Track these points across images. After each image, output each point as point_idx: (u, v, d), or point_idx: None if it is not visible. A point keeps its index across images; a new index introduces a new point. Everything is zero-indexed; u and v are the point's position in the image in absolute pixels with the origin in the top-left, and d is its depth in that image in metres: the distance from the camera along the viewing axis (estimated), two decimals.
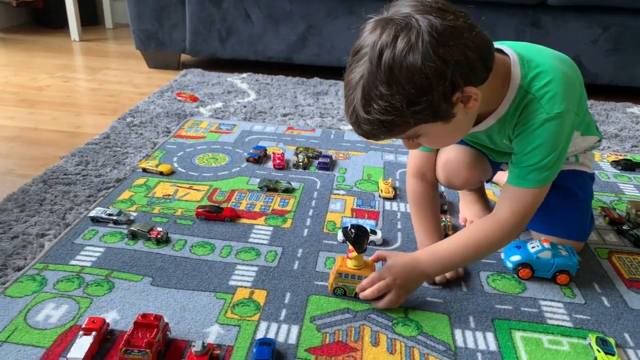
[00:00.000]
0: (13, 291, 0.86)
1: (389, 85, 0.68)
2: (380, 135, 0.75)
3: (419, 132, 0.76)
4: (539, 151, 0.80)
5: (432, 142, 0.81)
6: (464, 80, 0.70)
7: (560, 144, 0.81)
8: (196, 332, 0.79)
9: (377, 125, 0.71)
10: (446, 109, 0.71)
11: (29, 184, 1.20)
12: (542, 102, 0.78)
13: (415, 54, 0.66)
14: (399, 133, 0.75)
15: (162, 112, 1.70)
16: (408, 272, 0.86)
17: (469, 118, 0.79)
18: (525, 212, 0.85)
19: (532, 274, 0.95)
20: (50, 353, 0.74)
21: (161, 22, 2.18)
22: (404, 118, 0.70)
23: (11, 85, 2.03)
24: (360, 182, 1.30)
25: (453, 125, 0.75)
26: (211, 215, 1.09)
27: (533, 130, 0.80)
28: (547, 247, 0.95)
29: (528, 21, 1.99)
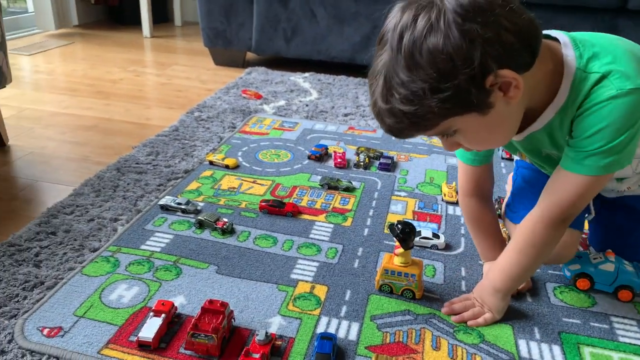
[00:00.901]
0: (89, 270, 0.91)
1: (410, 70, 0.61)
2: (406, 130, 0.67)
3: (453, 127, 0.67)
4: (606, 133, 0.68)
5: (471, 140, 0.71)
6: (498, 63, 0.61)
7: (636, 124, 0.67)
8: (259, 322, 0.81)
9: (399, 117, 0.64)
10: (479, 97, 0.62)
11: (104, 171, 1.27)
12: (611, 79, 0.67)
13: (437, 33, 0.59)
14: (428, 127, 0.66)
15: (228, 108, 1.75)
16: (481, 287, 0.86)
17: (512, 111, 0.68)
18: (571, 205, 0.74)
19: (592, 285, 0.91)
20: (122, 331, 0.78)
21: (229, 20, 2.24)
22: (428, 108, 0.62)
23: (88, 77, 2.15)
24: (422, 184, 1.29)
25: (493, 118, 0.66)
26: (274, 209, 1.11)
27: (599, 109, 0.67)
28: (610, 259, 0.91)
29: (605, 25, 1.90)
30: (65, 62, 2.37)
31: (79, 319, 0.80)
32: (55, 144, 1.49)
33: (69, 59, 2.44)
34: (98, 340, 0.76)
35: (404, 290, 0.87)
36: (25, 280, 0.87)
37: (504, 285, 0.83)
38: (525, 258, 0.80)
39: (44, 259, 0.93)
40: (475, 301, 0.85)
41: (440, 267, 0.97)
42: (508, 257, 0.82)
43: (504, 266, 0.83)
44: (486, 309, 0.84)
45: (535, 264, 0.82)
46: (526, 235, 0.79)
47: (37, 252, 0.95)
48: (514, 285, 0.84)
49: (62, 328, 0.78)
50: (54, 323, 0.79)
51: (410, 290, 0.87)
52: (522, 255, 0.80)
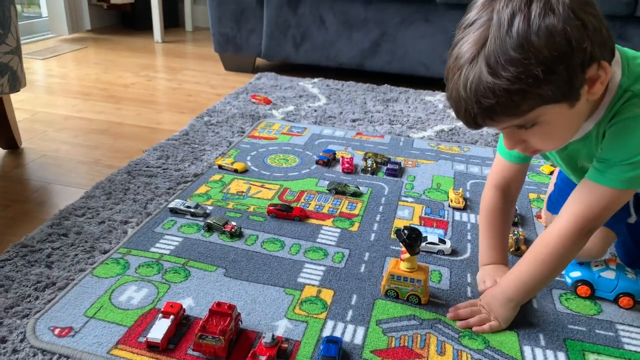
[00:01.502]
0: (100, 272, 0.93)
1: (523, 49, 0.60)
2: (501, 113, 0.64)
3: (540, 117, 0.66)
4: (629, 147, 0.70)
5: (545, 136, 0.70)
6: (601, 53, 0.63)
7: None
8: (265, 325, 0.82)
9: (504, 97, 0.62)
10: (578, 85, 0.63)
11: (115, 174, 1.29)
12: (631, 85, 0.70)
13: (556, 15, 0.60)
14: (524, 112, 0.65)
15: (237, 113, 1.77)
16: (491, 295, 0.86)
17: (586, 109, 0.70)
18: (594, 216, 0.75)
19: (592, 292, 0.91)
20: (131, 332, 0.79)
21: (239, 26, 2.27)
22: (538, 89, 0.61)
23: (101, 82, 2.18)
24: (429, 190, 1.29)
25: (575, 113, 0.67)
26: (282, 213, 1.13)
27: (625, 123, 0.70)
28: (612, 267, 0.91)
29: (614, 33, 1.89)
30: (78, 67, 2.41)
31: (89, 320, 0.81)
32: (68, 147, 1.51)
33: (82, 63, 2.48)
34: (108, 341, 0.77)
35: (409, 295, 0.88)
36: (37, 281, 0.89)
37: (518, 296, 0.83)
38: (544, 268, 0.80)
39: (56, 260, 0.95)
40: (482, 308, 0.85)
41: (446, 272, 0.97)
42: (525, 266, 0.82)
43: (520, 276, 0.82)
44: (492, 317, 0.84)
45: (553, 274, 0.83)
46: (547, 247, 0.79)
47: (49, 253, 0.97)
48: (528, 296, 0.85)
49: (73, 328, 0.79)
50: (64, 323, 0.80)
51: (416, 295, 0.87)
52: (542, 265, 0.80)
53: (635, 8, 1.82)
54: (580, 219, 0.76)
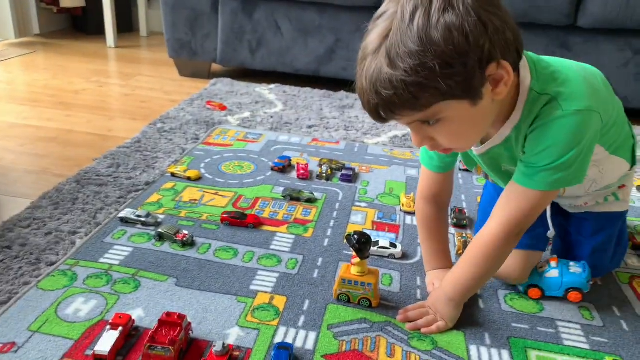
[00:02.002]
0: (45, 284, 0.90)
1: (422, 42, 0.61)
2: (400, 106, 0.66)
3: (442, 113, 0.68)
4: (553, 151, 0.72)
5: (449, 133, 0.71)
6: (501, 54, 0.65)
7: (581, 143, 0.72)
8: (217, 333, 0.82)
9: (401, 89, 0.63)
10: (478, 83, 0.65)
11: (63, 184, 1.26)
12: (559, 100, 0.72)
13: (455, 11, 0.61)
14: (423, 106, 0.66)
15: (191, 120, 1.75)
16: (435, 296, 0.89)
17: (492, 111, 0.72)
18: (524, 218, 0.78)
19: (543, 293, 0.95)
20: (78, 345, 0.77)
21: (194, 32, 2.25)
22: (434, 82, 0.62)
23: (50, 88, 2.12)
24: (382, 195, 1.32)
25: (478, 112, 0.68)
26: (235, 221, 1.12)
27: (547, 128, 0.73)
28: (553, 266, 0.95)
29: (557, 43, 1.99)
30: (25, 72, 2.33)
31: (33, 334, 0.79)
32: (14, 156, 1.46)
33: (30, 68, 2.40)
34: (52, 355, 0.75)
35: (361, 299, 0.89)
36: None
37: (457, 295, 0.86)
38: (478, 270, 0.84)
39: None
40: (430, 309, 0.88)
41: (397, 276, 1.00)
42: (462, 268, 0.86)
43: (458, 276, 0.86)
44: (439, 317, 0.86)
45: (487, 275, 0.87)
46: (480, 248, 0.83)
47: None
48: (466, 295, 0.88)
49: (16, 343, 0.77)
50: (7, 339, 0.77)
51: (367, 299, 0.89)
52: (476, 267, 0.84)
53: (575, 18, 1.91)
54: (510, 221, 0.79)
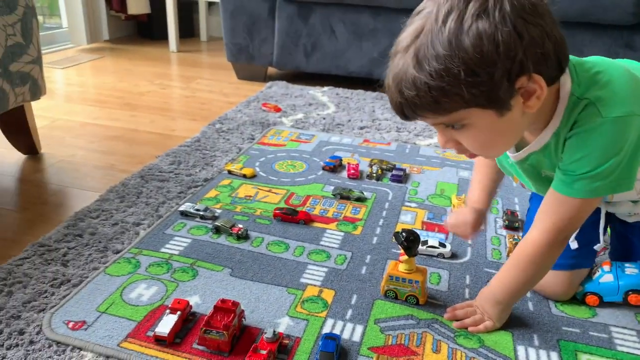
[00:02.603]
0: (112, 270, 0.97)
1: (450, 45, 0.60)
2: (422, 107, 0.65)
3: (466, 120, 0.66)
4: (591, 159, 0.70)
5: (475, 140, 0.70)
6: (535, 66, 0.62)
7: (622, 151, 0.69)
8: (268, 322, 0.86)
9: (423, 91, 0.62)
10: (505, 95, 0.63)
11: (129, 179, 1.34)
12: (598, 105, 0.68)
13: (489, 19, 0.59)
14: (446, 111, 0.65)
15: (248, 120, 1.82)
16: (484, 297, 0.88)
17: (522, 122, 0.70)
18: (566, 226, 0.76)
19: (601, 300, 0.92)
20: (140, 326, 0.83)
21: (252, 36, 2.33)
22: (458, 89, 0.61)
23: (117, 90, 2.25)
24: (433, 196, 1.32)
25: (505, 123, 0.66)
26: (287, 217, 1.16)
27: (586, 136, 0.70)
28: (607, 270, 0.92)
29: (621, 42, 1.91)
30: (95, 75, 2.49)
31: (101, 315, 0.86)
32: (84, 152, 1.57)
33: (100, 72, 2.55)
34: (118, 334, 0.81)
35: (408, 296, 0.91)
36: (53, 278, 0.94)
37: (504, 298, 0.85)
38: (524, 275, 0.83)
39: (71, 259, 1.00)
40: (477, 308, 0.88)
41: (445, 275, 1.00)
42: (508, 271, 0.85)
43: (504, 280, 0.85)
44: (487, 317, 0.86)
45: (535, 280, 0.85)
46: (525, 255, 0.81)
47: (64, 253, 1.02)
48: (513, 298, 0.86)
49: (86, 322, 0.84)
50: (78, 317, 0.85)
51: (414, 296, 0.90)
52: (522, 271, 0.83)
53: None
54: (552, 229, 0.77)
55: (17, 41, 1.30)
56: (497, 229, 1.17)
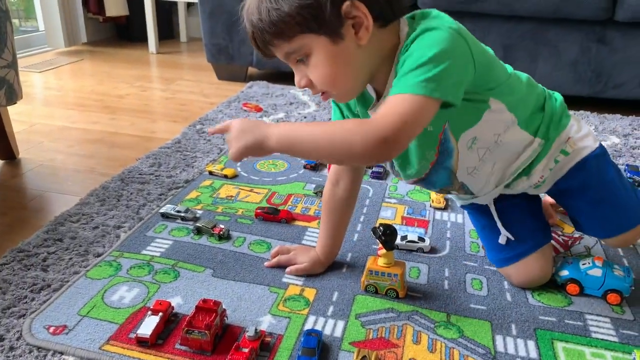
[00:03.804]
0: (93, 274, 0.97)
1: None
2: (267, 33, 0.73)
3: (306, 48, 0.74)
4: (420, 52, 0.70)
5: (319, 68, 0.74)
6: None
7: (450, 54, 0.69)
8: (250, 320, 0.86)
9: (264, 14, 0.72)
10: (332, 19, 0.71)
11: (109, 182, 1.34)
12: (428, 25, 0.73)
13: None
14: (285, 36, 0.73)
15: None
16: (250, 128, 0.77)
17: (359, 55, 0.75)
18: (397, 122, 0.68)
19: (581, 290, 0.94)
20: (122, 329, 0.83)
21: (231, 37, 2.32)
22: (290, 10, 0.71)
23: (96, 93, 2.23)
24: (412, 192, 1.34)
25: (342, 52, 0.73)
26: (269, 216, 1.17)
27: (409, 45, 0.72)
28: (598, 264, 0.94)
29: (594, 37, 1.95)
30: (74, 79, 2.46)
31: (82, 318, 0.85)
32: (63, 156, 1.56)
33: (78, 75, 2.53)
34: (100, 337, 0.81)
35: (388, 289, 0.92)
36: (33, 283, 0.93)
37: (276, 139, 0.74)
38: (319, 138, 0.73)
39: (51, 264, 1.00)
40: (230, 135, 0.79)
41: (424, 268, 1.02)
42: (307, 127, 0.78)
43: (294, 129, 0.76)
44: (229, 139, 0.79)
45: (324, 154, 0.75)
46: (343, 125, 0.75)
47: (44, 257, 1.01)
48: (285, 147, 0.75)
49: (67, 326, 0.83)
50: (59, 322, 0.84)
51: (393, 289, 0.92)
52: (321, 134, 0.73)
53: (613, 12, 1.88)
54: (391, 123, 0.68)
55: None
56: None
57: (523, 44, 2.00)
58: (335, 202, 0.99)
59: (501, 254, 0.98)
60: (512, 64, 0.91)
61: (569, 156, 0.91)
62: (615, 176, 0.93)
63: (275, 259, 1.01)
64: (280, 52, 0.77)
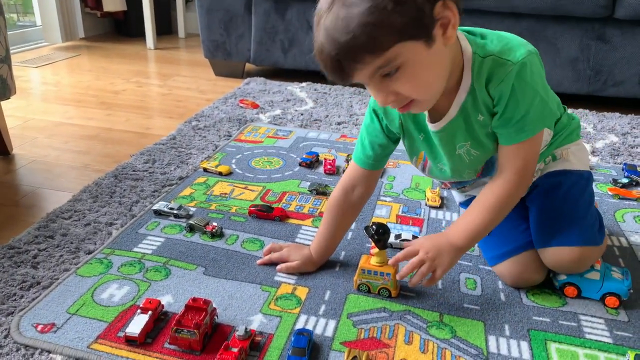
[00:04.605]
0: (83, 271, 0.96)
1: None
2: (360, 50, 0.67)
3: (400, 58, 0.69)
4: (522, 102, 0.78)
5: (411, 80, 0.73)
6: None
7: (538, 85, 0.79)
8: (241, 319, 0.85)
9: (359, 30, 0.66)
10: (429, 21, 0.69)
11: (102, 178, 1.33)
12: (504, 55, 0.77)
13: None
14: (380, 50, 0.68)
15: (224, 117, 1.81)
16: (439, 244, 0.86)
17: (446, 56, 0.75)
18: (525, 166, 0.84)
19: (579, 293, 0.93)
20: (111, 327, 0.83)
21: (229, 33, 2.31)
22: (389, 20, 0.66)
23: (92, 89, 2.22)
24: (408, 190, 1.33)
25: (434, 55, 0.72)
26: (262, 214, 1.16)
27: (507, 83, 0.77)
28: (596, 268, 0.93)
29: (594, 35, 1.94)
30: (71, 74, 2.45)
31: (71, 316, 0.84)
32: (58, 152, 1.55)
33: (75, 70, 2.52)
34: (88, 336, 0.80)
35: (380, 289, 0.91)
36: (22, 281, 0.93)
37: (466, 244, 0.87)
38: (490, 219, 0.86)
39: (41, 261, 0.99)
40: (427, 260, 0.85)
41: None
42: (473, 219, 0.86)
43: (469, 227, 0.86)
44: (436, 265, 0.85)
45: (498, 220, 0.87)
46: (495, 195, 0.85)
47: (35, 254, 1.00)
48: (474, 241, 0.89)
49: (55, 324, 0.82)
50: (47, 320, 0.83)
51: (386, 288, 0.91)
52: (490, 213, 0.85)
53: (613, 10, 1.86)
54: (517, 175, 0.84)
55: None
56: None
57: None
58: (346, 208, 0.98)
59: (494, 251, 0.97)
60: None
61: (556, 161, 0.96)
62: (587, 198, 0.95)
63: (267, 256, 1.00)
64: (368, 69, 0.70)
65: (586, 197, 0.95)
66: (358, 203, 0.99)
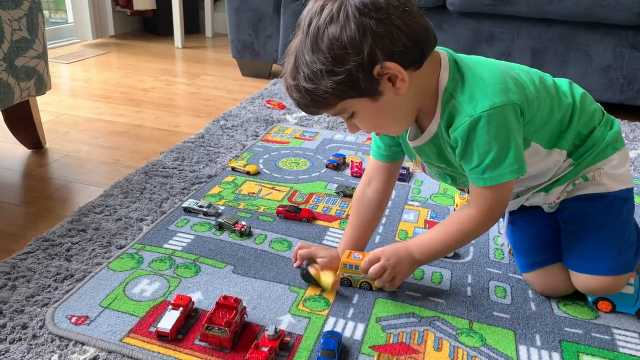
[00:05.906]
0: (115, 265, 0.98)
1: (313, 52, 0.70)
2: (310, 105, 0.75)
3: (349, 109, 0.76)
4: (476, 152, 0.77)
5: (366, 124, 0.79)
6: (385, 55, 0.70)
7: (499, 138, 0.75)
8: (270, 319, 0.86)
9: (303, 93, 0.73)
10: (368, 84, 0.71)
11: (132, 174, 1.34)
12: (465, 104, 0.76)
13: (337, 23, 0.69)
14: (327, 106, 0.75)
15: (252, 117, 1.82)
16: (400, 255, 0.89)
17: (403, 102, 0.77)
18: (491, 208, 0.82)
19: (613, 308, 0.91)
20: (143, 322, 0.84)
21: (257, 33, 2.32)
22: (324, 88, 0.71)
23: (122, 86, 2.26)
24: (436, 195, 1.32)
25: (384, 105, 0.75)
26: (290, 214, 1.16)
27: (462, 135, 0.77)
28: (630, 282, 0.91)
29: (627, 43, 1.90)
30: (101, 71, 2.49)
31: (104, 310, 0.86)
32: (89, 147, 1.58)
33: (105, 67, 2.56)
34: (121, 329, 0.82)
35: (361, 282, 0.93)
36: (56, 273, 0.94)
37: (423, 259, 0.90)
38: (450, 242, 0.88)
39: (75, 254, 1.01)
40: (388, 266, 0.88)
41: (447, 274, 1.00)
42: (437, 237, 0.88)
43: (431, 244, 0.88)
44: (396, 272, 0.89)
45: (456, 248, 0.95)
46: (460, 225, 0.86)
47: (68, 247, 1.02)
48: (430, 261, 0.93)
49: (89, 317, 0.84)
50: (81, 312, 0.85)
51: (366, 282, 0.93)
52: (450, 239, 0.87)
53: None
54: (487, 212, 0.83)
55: (22, 36, 1.30)
56: (500, 229, 1.16)
57: (553, 48, 1.95)
58: (364, 203, 0.98)
59: (525, 259, 0.96)
60: (540, 69, 0.89)
61: (588, 182, 0.89)
62: (621, 222, 0.90)
63: (296, 250, 1.00)
64: (329, 113, 0.78)
65: (621, 220, 0.90)
66: (376, 198, 0.98)
